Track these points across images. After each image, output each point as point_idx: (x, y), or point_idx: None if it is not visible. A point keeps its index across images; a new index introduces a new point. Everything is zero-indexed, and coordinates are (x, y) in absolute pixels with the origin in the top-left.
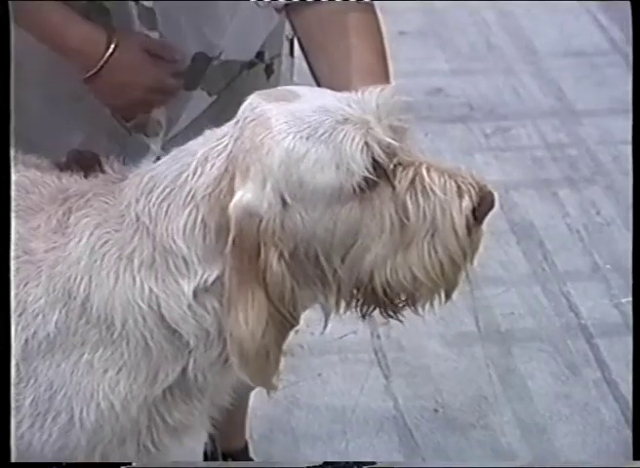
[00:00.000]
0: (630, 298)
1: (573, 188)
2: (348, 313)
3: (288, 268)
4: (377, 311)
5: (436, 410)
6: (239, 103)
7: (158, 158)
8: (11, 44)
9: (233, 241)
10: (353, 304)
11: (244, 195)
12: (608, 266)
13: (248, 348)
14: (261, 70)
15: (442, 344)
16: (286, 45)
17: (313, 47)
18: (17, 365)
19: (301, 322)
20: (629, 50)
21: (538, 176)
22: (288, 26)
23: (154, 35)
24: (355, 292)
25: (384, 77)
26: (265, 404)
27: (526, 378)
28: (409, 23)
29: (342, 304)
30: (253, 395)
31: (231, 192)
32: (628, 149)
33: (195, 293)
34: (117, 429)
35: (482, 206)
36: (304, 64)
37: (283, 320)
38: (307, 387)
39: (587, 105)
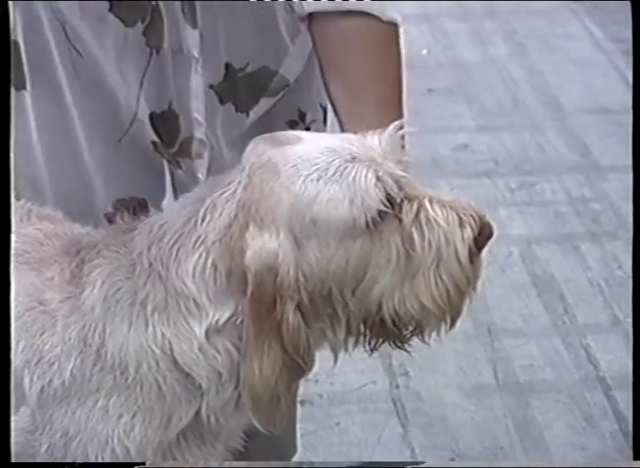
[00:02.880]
0: None
1: (595, 242)
2: (368, 362)
3: (303, 319)
4: (385, 344)
5: (452, 460)
6: None
7: None
8: (11, 44)
9: (251, 293)
10: (361, 339)
11: (262, 248)
12: (628, 320)
13: (261, 395)
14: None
15: (460, 395)
16: (320, 112)
17: (332, 68)
18: (32, 413)
19: (316, 368)
20: None
21: (560, 231)
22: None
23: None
24: (363, 325)
25: (399, 109)
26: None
27: (543, 429)
28: (437, 81)
29: (351, 339)
30: None
31: (242, 239)
32: None
33: (207, 334)
34: None
35: (482, 235)
36: None
37: (297, 367)
38: (325, 436)
39: (612, 161)
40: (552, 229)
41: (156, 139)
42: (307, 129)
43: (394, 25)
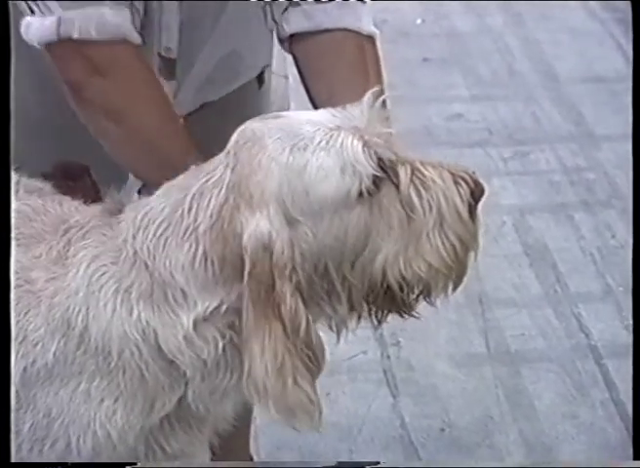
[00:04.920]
0: None
1: (588, 212)
2: (358, 332)
3: (303, 300)
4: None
5: (442, 430)
6: (232, 110)
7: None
8: (11, 45)
9: (249, 275)
10: (365, 312)
11: (256, 227)
12: (620, 288)
13: (264, 380)
14: (254, 79)
15: (451, 365)
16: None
17: (312, 72)
18: (16, 391)
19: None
20: None
21: (554, 200)
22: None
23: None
24: (366, 297)
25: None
26: (273, 422)
27: (533, 398)
28: (432, 51)
29: (353, 315)
30: (258, 413)
31: (235, 222)
32: None
33: (195, 324)
34: (114, 457)
35: (476, 192)
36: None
37: (302, 354)
38: None
39: (606, 130)
40: (546, 199)
41: None
42: (260, 75)
43: (372, 38)
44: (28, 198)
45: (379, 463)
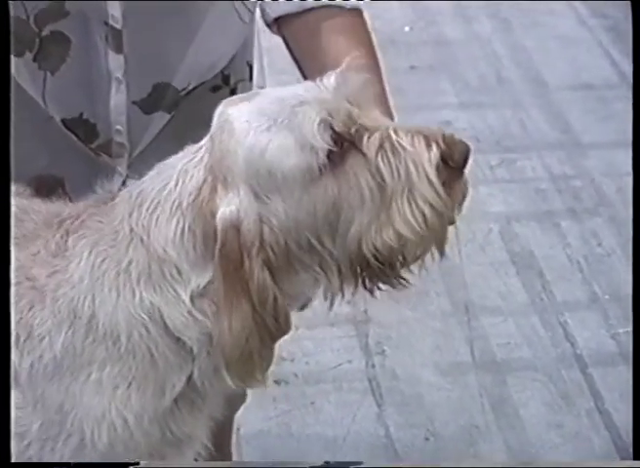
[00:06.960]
0: (628, 329)
1: (575, 219)
2: (343, 341)
3: (272, 275)
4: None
5: (427, 439)
6: (202, 125)
7: (124, 180)
8: (11, 45)
9: (219, 252)
10: (359, 282)
11: (227, 207)
12: (607, 297)
13: (230, 353)
14: (227, 94)
15: (436, 374)
16: (246, 70)
17: (304, 55)
18: (22, 389)
19: (292, 347)
20: None
21: (540, 208)
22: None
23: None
24: (359, 268)
25: (377, 72)
26: (257, 432)
27: (518, 407)
28: (420, 58)
29: (347, 284)
30: (243, 422)
31: (212, 201)
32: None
33: (192, 299)
34: (131, 446)
35: (455, 154)
36: None
37: (268, 325)
38: (300, 416)
39: (593, 138)
40: (532, 206)
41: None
42: (233, 90)
43: (358, 11)
44: (13, 200)
45: (361, 463)
